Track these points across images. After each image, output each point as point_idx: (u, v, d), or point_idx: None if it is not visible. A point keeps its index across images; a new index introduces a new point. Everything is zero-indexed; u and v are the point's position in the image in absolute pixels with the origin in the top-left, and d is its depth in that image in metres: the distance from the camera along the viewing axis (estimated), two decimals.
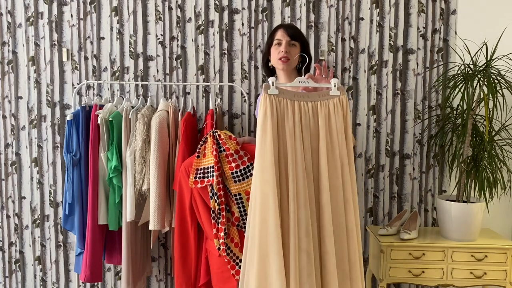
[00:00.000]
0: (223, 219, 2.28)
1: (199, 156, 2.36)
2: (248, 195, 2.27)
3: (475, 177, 2.71)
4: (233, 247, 2.31)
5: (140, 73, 3.01)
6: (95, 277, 2.63)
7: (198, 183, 2.31)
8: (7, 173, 3.11)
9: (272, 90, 1.97)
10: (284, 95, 1.98)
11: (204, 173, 2.32)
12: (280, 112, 1.96)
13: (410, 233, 2.71)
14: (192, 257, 2.46)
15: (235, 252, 2.31)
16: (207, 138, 2.36)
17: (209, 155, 2.33)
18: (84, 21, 3.00)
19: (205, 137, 2.37)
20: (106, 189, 2.64)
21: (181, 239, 2.44)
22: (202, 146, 2.37)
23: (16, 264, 3.17)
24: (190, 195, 2.38)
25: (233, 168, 2.30)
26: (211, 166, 2.30)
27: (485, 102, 2.58)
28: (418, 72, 2.98)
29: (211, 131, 2.36)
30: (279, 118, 1.96)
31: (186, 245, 2.44)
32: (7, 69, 3.05)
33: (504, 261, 2.63)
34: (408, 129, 3.01)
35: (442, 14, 2.95)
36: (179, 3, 2.97)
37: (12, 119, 3.08)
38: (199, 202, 2.35)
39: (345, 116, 2.01)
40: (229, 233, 2.31)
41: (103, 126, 2.58)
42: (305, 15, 2.96)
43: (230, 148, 2.31)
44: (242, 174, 2.30)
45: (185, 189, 2.39)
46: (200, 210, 2.36)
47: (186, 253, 2.44)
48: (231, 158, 2.30)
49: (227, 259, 2.28)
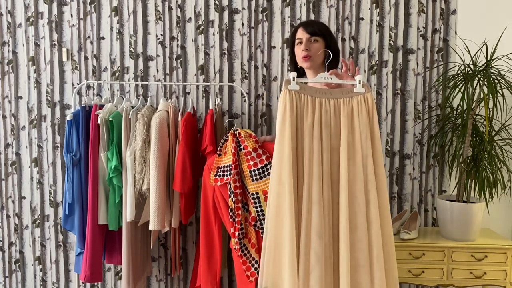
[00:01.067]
0: (238, 217, 2.29)
1: (220, 155, 2.38)
2: (266, 194, 2.27)
3: (475, 177, 2.71)
4: (250, 248, 2.31)
5: (140, 73, 3.01)
6: (95, 277, 2.63)
7: (218, 181, 2.33)
8: (7, 173, 3.11)
9: (292, 86, 1.89)
10: (305, 91, 1.90)
11: (224, 171, 2.33)
12: (300, 109, 1.90)
13: (410, 233, 2.71)
14: (217, 255, 2.46)
15: (251, 253, 2.30)
16: (228, 136, 2.37)
17: (229, 153, 2.35)
18: (84, 21, 3.00)
19: (226, 135, 2.39)
20: (106, 189, 2.64)
21: (206, 238, 2.44)
22: (223, 145, 2.39)
23: (16, 264, 3.17)
24: (213, 193, 2.39)
25: (251, 167, 2.30)
26: (229, 164, 2.32)
27: (485, 102, 2.58)
28: (418, 72, 2.98)
29: (232, 130, 2.38)
30: (298, 115, 1.89)
31: (211, 243, 2.43)
32: (7, 69, 3.05)
33: (504, 261, 2.63)
34: (408, 129, 3.01)
35: (442, 14, 2.95)
36: (179, 3, 2.97)
37: (12, 119, 3.08)
38: (221, 200, 2.36)
39: (371, 116, 1.91)
40: (246, 233, 2.31)
41: (103, 126, 2.58)
42: (305, 15, 2.96)
43: (249, 146, 2.32)
44: (260, 172, 2.30)
45: (208, 187, 2.40)
46: (222, 208, 2.37)
47: (212, 251, 2.43)
48: (249, 156, 2.31)
49: (242, 259, 2.27)
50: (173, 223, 2.61)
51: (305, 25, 2.31)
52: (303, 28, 2.29)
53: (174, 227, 2.64)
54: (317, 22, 2.37)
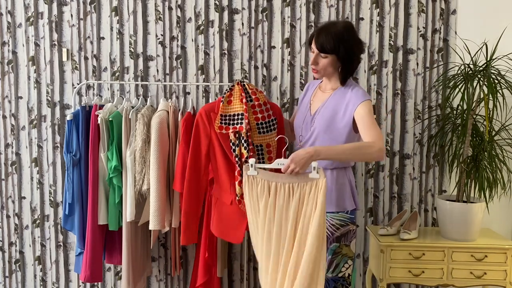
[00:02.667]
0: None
1: (223, 102, 2.34)
2: (269, 147, 2.34)
3: (475, 177, 2.71)
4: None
5: (140, 73, 3.01)
6: (95, 277, 2.63)
7: (223, 129, 2.30)
8: (7, 173, 3.11)
9: (251, 171, 2.07)
10: (263, 175, 2.07)
11: (232, 120, 2.31)
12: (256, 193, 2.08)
13: (410, 233, 2.71)
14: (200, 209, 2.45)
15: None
16: (234, 85, 2.35)
17: (237, 102, 2.32)
18: (84, 21, 3.00)
19: (232, 84, 2.37)
20: (106, 189, 2.64)
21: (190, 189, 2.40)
22: (227, 93, 2.35)
23: (16, 264, 3.17)
24: (208, 141, 2.35)
25: (259, 119, 2.32)
26: (240, 113, 2.30)
27: (485, 102, 2.58)
28: (418, 72, 2.98)
29: (239, 80, 2.37)
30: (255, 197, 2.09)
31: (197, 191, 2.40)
32: (7, 69, 3.05)
33: (504, 261, 2.63)
34: (408, 129, 3.01)
35: (442, 14, 2.95)
36: (179, 3, 2.97)
37: (12, 119, 3.08)
38: (218, 150, 2.33)
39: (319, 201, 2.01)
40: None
41: (103, 126, 2.58)
42: (305, 15, 2.96)
43: (260, 99, 2.33)
44: (267, 126, 2.33)
45: (202, 135, 2.37)
46: (218, 157, 2.34)
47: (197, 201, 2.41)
48: (258, 108, 2.32)
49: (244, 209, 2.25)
50: (173, 223, 2.61)
51: (318, 36, 2.20)
52: (315, 41, 2.21)
53: (174, 227, 2.64)
54: (331, 33, 2.18)
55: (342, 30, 2.19)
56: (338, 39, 2.17)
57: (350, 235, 2.27)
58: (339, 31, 2.18)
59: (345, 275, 2.28)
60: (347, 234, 2.26)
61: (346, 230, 2.25)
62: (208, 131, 2.36)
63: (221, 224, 2.37)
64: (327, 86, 2.32)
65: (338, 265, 2.27)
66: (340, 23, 2.29)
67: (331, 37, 2.17)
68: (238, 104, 2.32)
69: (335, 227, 2.25)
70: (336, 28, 2.20)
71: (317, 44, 2.19)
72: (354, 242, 2.29)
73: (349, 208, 2.25)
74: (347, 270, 2.29)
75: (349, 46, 2.19)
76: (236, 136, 2.30)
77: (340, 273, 2.27)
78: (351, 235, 2.27)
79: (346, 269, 2.28)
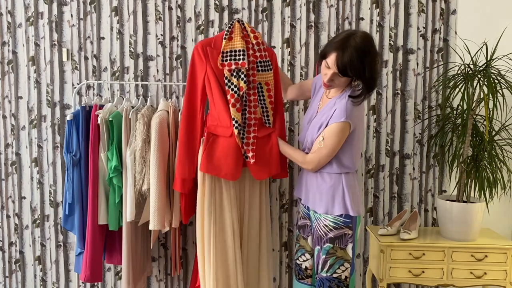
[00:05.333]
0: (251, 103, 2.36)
1: (225, 39, 2.35)
2: (268, 85, 2.39)
3: (475, 177, 2.71)
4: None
5: (140, 73, 3.01)
6: (95, 277, 2.63)
7: (225, 66, 2.32)
8: (7, 173, 3.11)
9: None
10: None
11: (231, 56, 2.33)
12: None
13: (410, 233, 2.71)
14: (197, 143, 2.42)
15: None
16: (234, 23, 2.38)
17: (238, 39, 2.34)
18: (84, 21, 3.00)
19: (232, 22, 2.39)
20: (106, 189, 2.64)
21: (188, 123, 2.40)
22: (229, 30, 2.37)
23: (16, 264, 3.17)
24: (204, 76, 2.35)
25: (257, 58, 2.37)
26: (241, 49, 2.32)
27: (485, 102, 2.58)
28: (418, 72, 2.98)
29: (237, 19, 2.42)
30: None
31: (193, 128, 2.41)
32: (7, 69, 3.05)
33: (504, 261, 2.63)
34: (408, 129, 3.01)
35: (442, 14, 2.95)
36: (179, 3, 2.97)
37: (12, 119, 3.08)
38: (214, 84, 2.33)
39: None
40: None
41: (103, 126, 2.58)
42: (305, 15, 2.96)
43: (258, 38, 2.39)
44: (265, 65, 2.39)
45: (198, 70, 2.37)
46: (214, 91, 2.34)
47: (193, 137, 2.41)
48: (257, 47, 2.37)
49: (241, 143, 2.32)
50: (173, 223, 2.61)
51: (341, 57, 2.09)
52: (336, 58, 2.10)
53: (174, 227, 2.64)
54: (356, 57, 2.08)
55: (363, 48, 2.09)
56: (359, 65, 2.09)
57: (346, 239, 2.26)
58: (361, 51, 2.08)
59: (341, 277, 2.28)
60: (342, 237, 2.26)
61: (340, 233, 2.26)
62: (204, 65, 2.35)
63: (213, 160, 2.32)
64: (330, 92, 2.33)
65: (333, 266, 2.28)
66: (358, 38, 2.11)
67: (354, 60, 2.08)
68: (239, 41, 2.34)
69: (328, 228, 2.26)
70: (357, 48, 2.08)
71: (339, 65, 2.10)
72: (351, 247, 2.28)
73: (337, 212, 2.25)
74: (344, 272, 2.29)
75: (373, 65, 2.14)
76: (231, 72, 2.31)
77: (335, 274, 2.28)
78: (346, 238, 2.27)
79: (343, 271, 2.28)
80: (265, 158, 2.37)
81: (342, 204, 2.25)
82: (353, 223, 2.28)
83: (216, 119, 2.37)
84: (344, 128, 2.18)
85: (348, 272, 2.30)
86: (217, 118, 2.36)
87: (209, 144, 2.34)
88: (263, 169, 2.38)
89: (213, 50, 2.35)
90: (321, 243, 2.29)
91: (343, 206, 2.25)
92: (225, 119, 2.33)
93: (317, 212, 2.30)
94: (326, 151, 2.21)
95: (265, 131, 2.41)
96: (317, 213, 2.31)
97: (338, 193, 2.26)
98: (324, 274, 2.29)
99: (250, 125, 2.36)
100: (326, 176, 2.28)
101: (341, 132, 2.18)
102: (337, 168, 2.26)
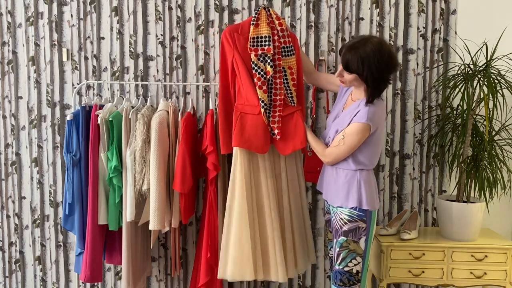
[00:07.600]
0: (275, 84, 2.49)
1: (253, 25, 2.48)
2: (291, 69, 2.52)
3: (475, 177, 2.71)
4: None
5: (140, 73, 3.01)
6: (95, 277, 2.63)
7: (252, 51, 2.46)
8: (7, 173, 3.11)
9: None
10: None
11: (258, 42, 2.47)
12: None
13: (410, 233, 2.71)
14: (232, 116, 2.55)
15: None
16: (260, 10, 2.51)
17: (264, 25, 2.48)
18: (84, 21, 3.00)
19: (259, 8, 2.52)
20: (106, 189, 2.64)
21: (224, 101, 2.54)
22: (256, 17, 2.50)
23: (16, 264, 3.17)
24: (232, 59, 2.48)
25: (282, 43, 2.50)
26: (267, 36, 2.46)
27: (485, 102, 2.58)
28: (418, 72, 2.98)
29: (263, 5, 2.54)
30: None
31: (229, 104, 2.54)
32: (7, 69, 3.05)
33: (504, 261, 2.64)
34: (408, 129, 3.01)
35: (442, 14, 2.95)
36: (179, 3, 2.97)
37: (12, 119, 3.08)
38: (242, 68, 2.47)
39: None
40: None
41: (103, 126, 2.58)
42: (305, 15, 2.96)
43: (283, 24, 2.52)
44: (289, 50, 2.52)
45: (227, 54, 2.51)
46: (242, 74, 2.47)
47: (230, 111, 2.53)
48: (282, 33, 2.50)
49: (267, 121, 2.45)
50: (173, 223, 2.61)
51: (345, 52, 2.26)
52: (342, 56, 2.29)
53: (174, 227, 2.64)
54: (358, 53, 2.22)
55: (370, 52, 2.20)
56: (363, 61, 2.22)
57: (359, 232, 2.31)
58: (366, 54, 2.20)
59: (352, 271, 2.33)
60: (356, 230, 2.31)
61: (355, 226, 2.30)
62: (231, 50, 2.49)
63: (243, 135, 2.46)
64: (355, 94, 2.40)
65: (345, 259, 2.32)
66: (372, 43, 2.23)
67: (357, 58, 2.22)
68: (265, 27, 2.48)
69: (343, 221, 2.32)
70: (365, 49, 2.21)
71: (342, 61, 2.28)
72: (364, 240, 2.32)
73: (351, 205, 2.31)
74: (355, 266, 2.33)
75: (375, 70, 2.21)
76: (257, 57, 2.45)
77: (346, 267, 2.33)
78: (360, 232, 2.31)
79: (354, 265, 2.33)
80: (290, 134, 2.51)
81: (357, 197, 2.32)
82: (367, 217, 2.32)
83: (244, 99, 2.48)
84: (365, 129, 2.27)
85: (360, 266, 2.34)
86: (245, 98, 2.48)
87: (239, 122, 2.47)
88: (288, 143, 2.50)
89: (239, 36, 2.50)
90: (337, 236, 2.36)
91: (357, 199, 2.31)
92: (253, 99, 2.45)
93: (334, 206, 2.37)
94: (345, 148, 2.30)
95: (289, 110, 2.53)
96: (334, 207, 2.38)
97: (353, 187, 2.33)
98: (337, 267, 2.35)
99: (276, 105, 2.49)
100: (342, 172, 2.36)
101: (361, 132, 2.27)
102: (352, 165, 2.33)
